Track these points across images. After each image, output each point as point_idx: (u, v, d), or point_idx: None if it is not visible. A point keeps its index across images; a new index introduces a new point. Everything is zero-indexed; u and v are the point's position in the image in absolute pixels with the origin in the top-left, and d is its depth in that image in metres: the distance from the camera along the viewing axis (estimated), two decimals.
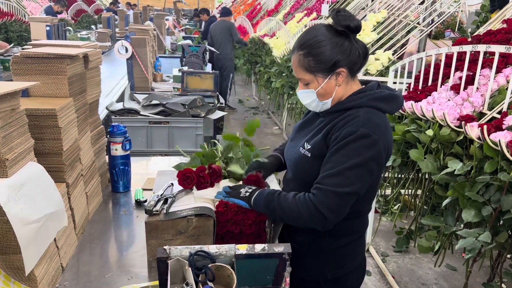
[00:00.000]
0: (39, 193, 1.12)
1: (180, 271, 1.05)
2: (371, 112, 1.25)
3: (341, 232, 1.35)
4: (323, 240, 1.36)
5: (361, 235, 1.43)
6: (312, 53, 1.24)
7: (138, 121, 2.94)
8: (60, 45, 1.59)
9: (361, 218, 1.40)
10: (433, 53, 2.34)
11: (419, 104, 2.16)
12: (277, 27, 6.80)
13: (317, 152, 1.28)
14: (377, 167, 1.24)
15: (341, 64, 1.24)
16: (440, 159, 1.99)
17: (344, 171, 1.19)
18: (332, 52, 1.23)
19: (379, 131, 1.22)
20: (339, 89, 1.29)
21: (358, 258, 1.44)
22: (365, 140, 1.19)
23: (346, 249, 1.39)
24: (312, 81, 1.28)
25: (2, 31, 6.02)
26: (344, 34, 1.24)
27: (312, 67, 1.25)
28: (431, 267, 3.05)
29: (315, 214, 1.20)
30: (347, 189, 1.19)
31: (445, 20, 6.72)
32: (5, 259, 1.09)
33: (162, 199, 1.38)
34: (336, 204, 1.19)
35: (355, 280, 1.46)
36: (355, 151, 1.19)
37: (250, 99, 8.56)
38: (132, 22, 9.51)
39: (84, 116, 1.60)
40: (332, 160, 1.22)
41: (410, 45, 4.30)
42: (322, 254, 1.37)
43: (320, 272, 1.38)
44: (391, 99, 1.30)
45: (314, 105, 1.33)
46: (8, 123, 1.04)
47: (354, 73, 1.30)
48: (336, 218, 1.21)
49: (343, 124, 1.24)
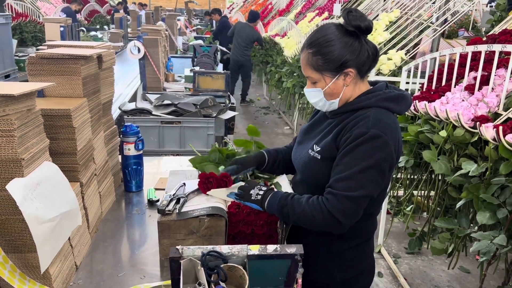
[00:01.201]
0: (54, 193, 1.13)
1: (193, 271, 1.05)
2: (381, 112, 1.24)
3: (350, 234, 1.33)
4: (332, 242, 1.35)
5: (370, 236, 1.42)
6: (320, 52, 1.23)
7: (150, 121, 2.96)
8: (75, 46, 1.60)
9: (371, 219, 1.39)
10: (447, 52, 2.31)
11: (433, 104, 2.13)
12: (289, 26, 6.79)
13: (327, 154, 1.27)
14: (388, 168, 1.23)
15: (350, 64, 1.23)
16: (453, 160, 1.97)
17: (355, 174, 1.18)
18: (341, 51, 1.22)
19: (390, 132, 1.21)
20: (347, 89, 1.27)
21: (367, 260, 1.43)
22: (376, 141, 1.18)
23: (355, 250, 1.38)
24: (320, 80, 1.27)
25: (17, 31, 6.10)
26: (354, 34, 1.23)
27: (320, 66, 1.25)
28: (444, 269, 3.02)
29: (329, 219, 1.19)
30: (360, 193, 1.18)
31: (459, 19, 6.64)
32: (20, 257, 1.11)
33: (175, 199, 1.39)
34: (349, 208, 1.18)
35: (365, 282, 1.45)
36: (366, 153, 1.18)
37: (261, 99, 8.56)
38: (144, 23, 9.58)
39: (98, 116, 1.62)
40: (343, 163, 1.20)
41: (423, 44, 4.25)
42: (331, 256, 1.37)
43: (329, 274, 1.37)
44: (400, 99, 1.29)
45: (321, 104, 1.32)
46: (24, 123, 1.05)
47: (363, 74, 1.29)
48: (350, 222, 1.20)
49: (353, 125, 1.23)
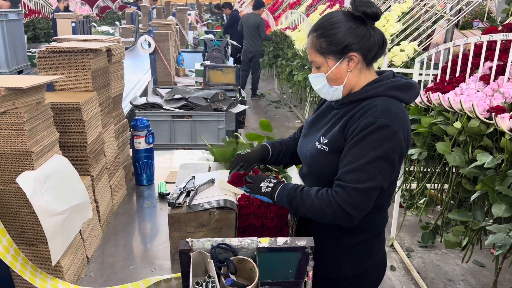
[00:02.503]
0: (64, 186, 1.14)
1: (203, 264, 1.05)
2: (389, 101, 1.21)
3: (361, 228, 1.31)
4: (342, 237, 1.33)
5: (381, 230, 1.40)
6: (325, 34, 1.22)
7: (161, 115, 2.96)
8: (84, 40, 1.61)
9: (381, 213, 1.36)
10: (461, 42, 2.26)
11: (447, 95, 2.09)
12: (299, 19, 6.74)
13: (335, 146, 1.25)
14: (398, 158, 1.20)
15: (353, 48, 1.21)
16: (468, 152, 1.93)
17: (364, 166, 1.15)
18: (344, 34, 1.20)
19: (398, 121, 1.18)
20: (351, 75, 1.25)
21: (378, 254, 1.41)
22: (384, 131, 1.16)
23: (366, 245, 1.36)
24: (323, 64, 1.25)
25: (30, 28, 6.16)
26: (360, 19, 1.21)
27: (323, 49, 1.23)
28: (458, 263, 2.98)
29: (339, 212, 1.17)
30: (369, 184, 1.15)
31: (473, 10, 6.51)
32: (32, 250, 1.11)
33: (185, 192, 1.39)
34: (359, 200, 1.16)
35: (376, 276, 1.43)
36: (374, 143, 1.16)
37: (272, 93, 8.53)
38: (155, 17, 9.60)
39: (108, 110, 1.62)
40: (351, 154, 1.18)
41: (437, 35, 4.17)
42: (341, 251, 1.35)
43: (340, 269, 1.36)
44: (408, 87, 1.26)
45: (324, 91, 1.30)
46: (34, 117, 1.05)
47: (369, 62, 1.26)
48: (360, 214, 1.18)
49: (360, 115, 1.20)
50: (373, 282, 1.43)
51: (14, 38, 3.65)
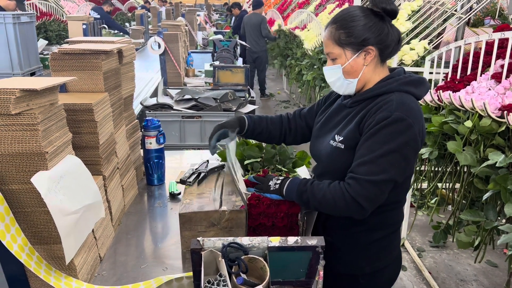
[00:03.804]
0: (77, 185, 1.15)
1: (214, 263, 1.06)
2: (404, 96, 1.22)
3: (378, 225, 1.32)
4: (359, 233, 1.33)
5: (397, 227, 1.40)
6: (344, 26, 1.23)
7: (171, 116, 2.98)
8: (96, 41, 1.63)
9: (397, 209, 1.36)
10: (473, 40, 2.24)
11: (458, 94, 2.08)
12: (308, 19, 6.72)
13: (351, 142, 1.25)
14: (413, 152, 1.20)
15: (371, 42, 1.22)
16: (480, 151, 1.91)
17: (377, 158, 1.16)
18: (364, 27, 1.21)
19: (414, 115, 1.18)
20: (367, 69, 1.26)
21: (395, 251, 1.41)
22: (399, 124, 1.16)
23: (383, 241, 1.36)
24: (340, 56, 1.26)
25: (42, 30, 6.24)
26: (379, 16, 1.23)
27: (342, 40, 1.24)
28: (470, 263, 2.95)
29: (352, 204, 1.17)
30: (382, 177, 1.16)
31: (485, 7, 6.43)
32: (46, 249, 1.13)
33: (196, 173, 1.55)
34: (372, 193, 1.17)
35: (392, 273, 1.44)
36: (388, 137, 1.16)
37: (281, 93, 8.52)
38: (164, 19, 9.65)
39: (119, 111, 1.64)
40: (365, 147, 1.19)
41: (447, 34, 4.13)
42: (359, 247, 1.35)
43: (358, 266, 1.36)
44: (420, 83, 1.27)
45: (339, 83, 1.30)
46: (48, 117, 1.07)
47: (384, 58, 1.27)
48: (372, 207, 1.19)
49: (376, 110, 1.21)
50: (389, 279, 1.44)
51: (26, 40, 3.70)
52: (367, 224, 1.30)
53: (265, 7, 8.17)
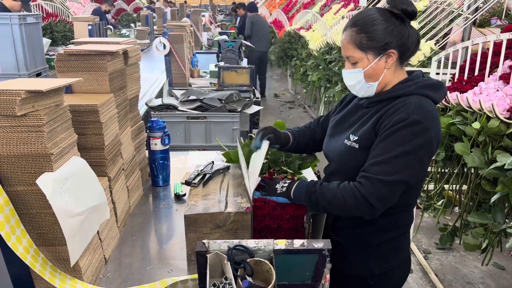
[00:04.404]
0: (82, 187, 1.15)
1: (219, 265, 1.05)
2: (422, 99, 1.22)
3: (388, 226, 1.32)
4: (369, 234, 1.33)
5: (407, 229, 1.39)
6: (365, 30, 1.22)
7: (176, 117, 2.98)
8: (101, 42, 1.62)
9: (408, 212, 1.36)
10: (480, 41, 2.22)
11: (465, 95, 2.06)
12: (314, 19, 6.71)
13: (366, 143, 1.25)
14: (427, 156, 1.19)
15: (393, 45, 1.21)
16: (488, 152, 1.89)
17: (392, 159, 1.15)
18: (385, 31, 1.20)
19: (431, 119, 1.18)
20: (387, 73, 1.25)
21: (404, 253, 1.41)
22: (416, 127, 1.15)
23: (394, 243, 1.35)
24: (362, 60, 1.24)
25: (48, 31, 6.26)
26: (399, 18, 1.22)
27: (363, 44, 1.22)
28: (477, 266, 2.93)
29: (363, 203, 1.16)
30: (394, 177, 1.15)
31: (491, 7, 6.39)
32: (51, 250, 1.13)
33: (201, 174, 1.56)
34: (383, 192, 1.16)
35: (401, 275, 1.43)
36: (404, 138, 1.15)
37: (285, 93, 8.51)
38: (169, 19, 9.66)
39: (125, 112, 1.63)
40: (380, 147, 1.18)
41: (454, 34, 4.11)
42: (368, 248, 1.34)
43: (367, 267, 1.35)
44: (438, 87, 1.27)
45: (358, 87, 1.29)
46: (53, 119, 1.07)
47: (404, 60, 1.27)
48: (383, 207, 1.18)
49: (393, 112, 1.20)
50: (398, 281, 1.43)
51: (32, 41, 3.71)
52: (378, 224, 1.29)
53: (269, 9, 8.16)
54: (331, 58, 4.82)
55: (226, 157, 1.72)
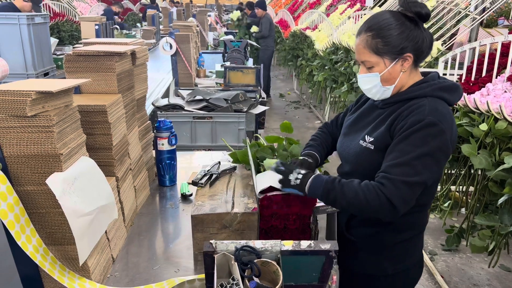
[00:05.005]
0: (91, 187, 1.16)
1: (226, 266, 1.06)
2: (436, 102, 1.22)
3: (403, 226, 1.32)
4: (384, 234, 1.33)
5: (422, 230, 1.39)
6: (381, 35, 1.22)
7: (182, 117, 2.99)
8: (109, 43, 1.63)
9: (423, 212, 1.36)
10: (488, 42, 2.21)
11: (472, 96, 2.05)
12: (320, 19, 6.70)
13: (381, 144, 1.25)
14: (444, 157, 1.20)
15: (409, 49, 1.22)
16: (495, 154, 1.88)
17: (412, 160, 1.15)
18: (401, 35, 1.21)
19: (446, 121, 1.18)
20: (403, 76, 1.25)
21: (417, 254, 1.41)
22: (432, 129, 1.16)
23: (408, 243, 1.35)
24: (378, 64, 1.24)
25: (55, 31, 6.30)
26: (413, 21, 1.22)
27: (380, 49, 1.23)
28: (483, 267, 2.91)
29: (386, 205, 1.15)
30: (416, 179, 1.15)
31: (498, 7, 6.35)
32: (60, 250, 1.14)
33: (208, 174, 1.57)
34: (406, 194, 1.15)
35: (414, 276, 1.43)
36: (422, 140, 1.16)
37: (291, 93, 8.50)
38: (175, 19, 9.69)
39: (132, 112, 1.64)
40: (398, 149, 1.18)
41: (461, 34, 4.09)
42: (383, 248, 1.35)
43: (380, 267, 1.35)
44: (454, 89, 1.26)
45: (374, 91, 1.29)
46: (62, 119, 1.08)
47: (419, 62, 1.27)
48: (405, 209, 1.17)
49: (408, 113, 1.21)
50: (410, 282, 1.43)
51: (40, 41, 3.74)
52: (393, 225, 1.29)
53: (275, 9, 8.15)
54: (337, 59, 4.81)
55: (233, 157, 1.73)
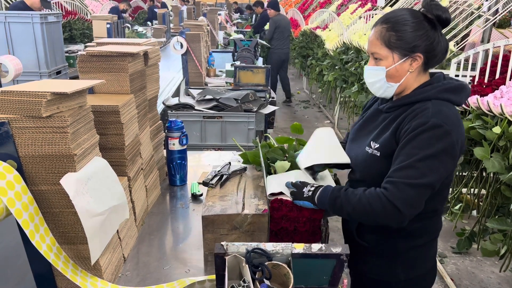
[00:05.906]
0: (103, 187, 1.17)
1: (237, 268, 1.06)
2: (441, 104, 1.20)
3: (416, 232, 1.30)
4: (397, 240, 1.32)
5: (435, 236, 1.37)
6: (395, 28, 1.21)
7: (192, 116, 3.00)
8: (122, 43, 1.64)
9: (436, 217, 1.34)
10: (502, 43, 2.19)
11: (485, 98, 2.03)
12: (330, 19, 6.67)
13: (387, 150, 1.24)
14: (451, 160, 1.18)
15: (421, 49, 1.20)
16: (508, 158, 1.86)
17: (415, 163, 1.14)
18: (415, 33, 1.19)
19: (451, 122, 1.17)
20: (410, 76, 1.24)
21: (431, 261, 1.39)
22: (436, 131, 1.15)
23: (421, 250, 1.34)
24: (386, 58, 1.23)
25: (67, 29, 6.35)
26: (431, 23, 1.21)
27: (392, 43, 1.22)
28: (494, 271, 2.88)
29: (389, 208, 1.15)
30: (420, 181, 1.14)
31: None
32: (73, 249, 1.15)
33: (219, 175, 1.56)
34: (410, 196, 1.14)
35: (427, 283, 1.41)
36: (426, 142, 1.15)
37: (300, 93, 8.48)
38: (185, 18, 9.72)
39: (144, 112, 1.65)
40: (403, 153, 1.18)
41: (473, 35, 4.04)
42: (395, 254, 1.33)
43: (393, 273, 1.34)
44: (460, 89, 1.24)
45: (378, 85, 1.28)
46: (76, 120, 1.09)
47: (429, 66, 1.25)
48: (411, 212, 1.16)
49: (412, 117, 1.20)
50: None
51: (53, 39, 3.78)
52: (406, 230, 1.28)
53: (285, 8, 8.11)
54: (348, 58, 4.79)
55: (243, 157, 1.73)
